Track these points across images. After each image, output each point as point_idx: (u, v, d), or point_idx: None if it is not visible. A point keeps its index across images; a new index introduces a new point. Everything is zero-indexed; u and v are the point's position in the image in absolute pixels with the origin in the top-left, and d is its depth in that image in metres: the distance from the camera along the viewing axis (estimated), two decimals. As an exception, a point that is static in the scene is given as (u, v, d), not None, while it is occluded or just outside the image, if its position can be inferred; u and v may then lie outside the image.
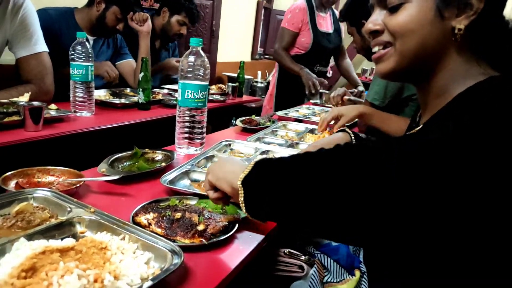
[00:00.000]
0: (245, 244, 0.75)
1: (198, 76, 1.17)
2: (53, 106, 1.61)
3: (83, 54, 1.64)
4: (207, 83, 1.20)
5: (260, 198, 0.61)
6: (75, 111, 1.66)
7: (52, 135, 1.34)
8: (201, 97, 1.18)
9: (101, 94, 2.08)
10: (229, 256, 0.71)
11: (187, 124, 1.20)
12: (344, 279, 0.79)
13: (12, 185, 0.84)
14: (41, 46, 1.71)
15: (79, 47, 1.63)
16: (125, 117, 1.70)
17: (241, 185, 0.63)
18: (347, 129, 1.14)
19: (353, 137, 1.11)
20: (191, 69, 1.16)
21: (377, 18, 0.69)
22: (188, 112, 1.19)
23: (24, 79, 1.70)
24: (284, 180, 0.57)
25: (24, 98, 1.58)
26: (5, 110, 1.43)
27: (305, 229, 0.65)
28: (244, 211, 0.64)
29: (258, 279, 0.84)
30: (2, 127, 1.32)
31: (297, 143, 1.47)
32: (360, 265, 0.83)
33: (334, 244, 0.85)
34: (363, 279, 0.82)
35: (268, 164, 0.62)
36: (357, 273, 0.81)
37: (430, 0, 0.63)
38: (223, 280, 0.65)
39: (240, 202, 0.64)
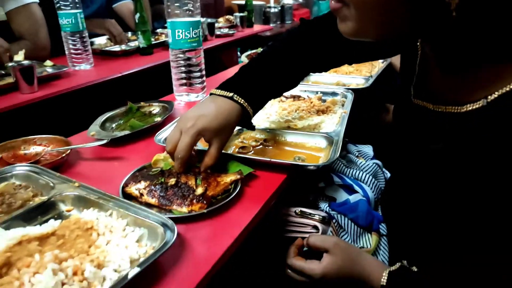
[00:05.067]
0: (250, 205, 0.66)
1: (188, 12, 1.01)
2: (48, 62, 1.51)
3: (70, 1, 1.49)
4: (199, 18, 1.04)
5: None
6: (73, 65, 1.56)
7: (48, 95, 1.26)
8: (194, 35, 1.03)
9: (101, 42, 1.95)
10: (232, 221, 0.63)
11: (183, 69, 1.08)
12: (362, 247, 0.71)
13: (-3, 161, 0.78)
14: None
15: (63, -7, 1.48)
16: (126, 65, 1.58)
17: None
18: (237, 96, 0.71)
19: (249, 108, 0.71)
20: (178, 4, 1.00)
21: None
22: (182, 55, 1.06)
23: (17, 35, 1.60)
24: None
25: (18, 57, 1.48)
26: (-1, 72, 1.35)
27: None
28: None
29: (266, 241, 0.76)
30: (-1, 91, 1.24)
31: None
32: (380, 225, 0.74)
33: (352, 200, 0.75)
34: (382, 241, 0.73)
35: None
36: (374, 237, 0.72)
37: None
38: (226, 250, 0.58)
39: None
